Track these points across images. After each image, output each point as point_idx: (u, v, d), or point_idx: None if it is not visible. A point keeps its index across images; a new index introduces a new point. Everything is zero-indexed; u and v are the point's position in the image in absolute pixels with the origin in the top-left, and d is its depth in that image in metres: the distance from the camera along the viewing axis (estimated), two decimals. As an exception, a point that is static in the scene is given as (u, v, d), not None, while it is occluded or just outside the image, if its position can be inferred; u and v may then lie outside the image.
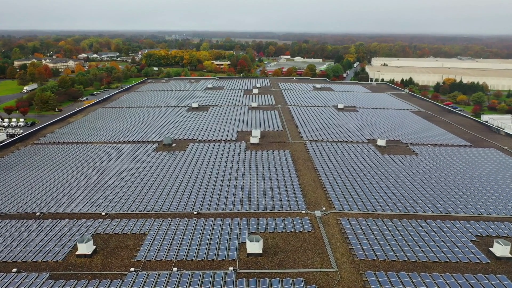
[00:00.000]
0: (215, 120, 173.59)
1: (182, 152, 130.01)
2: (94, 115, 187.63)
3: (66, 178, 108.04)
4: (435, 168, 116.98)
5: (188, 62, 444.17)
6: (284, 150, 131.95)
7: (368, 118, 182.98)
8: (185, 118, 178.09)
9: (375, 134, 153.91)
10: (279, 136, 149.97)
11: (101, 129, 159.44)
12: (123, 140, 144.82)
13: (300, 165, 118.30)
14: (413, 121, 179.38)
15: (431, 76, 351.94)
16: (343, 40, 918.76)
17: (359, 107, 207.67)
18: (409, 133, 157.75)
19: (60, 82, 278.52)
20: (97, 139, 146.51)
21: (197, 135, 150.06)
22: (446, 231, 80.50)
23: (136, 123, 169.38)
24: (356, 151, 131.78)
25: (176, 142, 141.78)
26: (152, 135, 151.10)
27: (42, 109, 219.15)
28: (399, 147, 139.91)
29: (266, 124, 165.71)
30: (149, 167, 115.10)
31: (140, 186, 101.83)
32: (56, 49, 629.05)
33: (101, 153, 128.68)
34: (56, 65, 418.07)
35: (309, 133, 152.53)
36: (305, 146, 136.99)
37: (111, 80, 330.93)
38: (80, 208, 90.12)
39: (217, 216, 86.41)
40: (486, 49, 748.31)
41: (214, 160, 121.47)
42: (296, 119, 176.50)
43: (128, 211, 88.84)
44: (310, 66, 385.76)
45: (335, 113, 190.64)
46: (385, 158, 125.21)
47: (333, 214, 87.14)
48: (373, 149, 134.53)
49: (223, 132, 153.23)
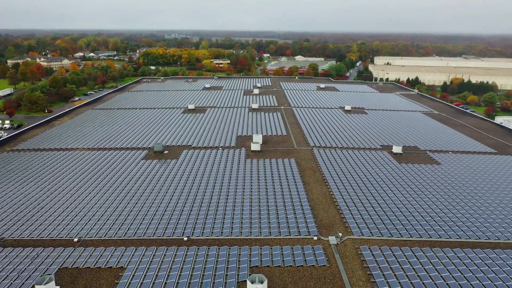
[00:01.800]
0: (212, 123, 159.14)
1: (174, 161, 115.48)
2: (82, 117, 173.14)
3: (37, 193, 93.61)
4: (462, 181, 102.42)
5: (186, 61, 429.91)
6: (289, 158, 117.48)
7: (379, 121, 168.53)
8: (179, 121, 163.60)
9: (388, 140, 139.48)
10: (283, 141, 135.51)
11: (87, 134, 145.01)
12: (109, 146, 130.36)
13: (308, 176, 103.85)
14: (428, 125, 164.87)
15: (437, 75, 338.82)
16: (344, 39, 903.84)
17: (367, 109, 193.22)
18: (425, 138, 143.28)
19: (51, 82, 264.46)
20: (81, 144, 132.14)
21: (192, 140, 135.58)
22: (490, 264, 66.09)
23: (126, 126, 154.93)
24: (370, 160, 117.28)
25: (168, 149, 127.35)
26: (143, 140, 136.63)
27: (31, 110, 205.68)
28: (416, 154, 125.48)
29: (268, 128, 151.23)
30: (134, 180, 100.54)
31: (122, 204, 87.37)
32: (52, 48, 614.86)
33: (83, 162, 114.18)
34: (50, 64, 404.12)
35: (316, 139, 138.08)
36: (312, 154, 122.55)
37: (106, 79, 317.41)
38: (50, 232, 75.72)
39: (211, 243, 71.98)
40: (489, 48, 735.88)
41: (209, 171, 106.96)
42: (300, 122, 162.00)
43: (105, 236, 74.40)
44: (312, 65, 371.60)
45: (343, 116, 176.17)
46: (403, 169, 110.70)
47: (351, 241, 72.72)
48: (389, 157, 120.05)
49: (221, 137, 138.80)
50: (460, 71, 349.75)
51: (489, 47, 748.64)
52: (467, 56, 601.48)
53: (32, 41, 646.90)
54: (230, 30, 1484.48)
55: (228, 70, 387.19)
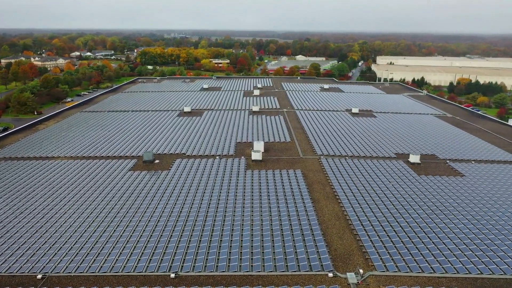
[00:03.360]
0: (209, 127, 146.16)
1: (165, 172, 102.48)
2: (69, 121, 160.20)
3: (5, 213, 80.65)
4: (493, 197, 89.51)
5: (185, 61, 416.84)
6: (295, 169, 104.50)
7: (389, 125, 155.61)
8: (174, 125, 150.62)
9: (402, 147, 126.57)
10: (287, 149, 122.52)
11: (71, 140, 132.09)
12: (94, 154, 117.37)
13: (316, 192, 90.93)
14: (443, 129, 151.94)
15: (443, 75, 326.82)
16: (345, 38, 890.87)
17: (376, 112, 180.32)
18: (443, 145, 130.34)
19: (43, 82, 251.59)
20: (64, 152, 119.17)
21: (187, 148, 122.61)
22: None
23: (115, 131, 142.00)
24: (385, 171, 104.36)
25: (159, 157, 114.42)
26: (132, 147, 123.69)
27: (20, 112, 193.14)
28: (436, 164, 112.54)
29: (270, 134, 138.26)
30: (117, 198, 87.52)
31: (100, 228, 74.38)
32: (49, 47, 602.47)
33: (61, 175, 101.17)
34: (44, 64, 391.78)
35: (323, 146, 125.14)
36: (320, 164, 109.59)
37: (101, 79, 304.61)
38: (10, 266, 62.82)
39: (204, 281, 59.07)
40: (492, 47, 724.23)
41: (204, 185, 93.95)
42: (305, 126, 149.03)
43: (75, 271, 61.45)
44: (314, 65, 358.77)
45: (350, 119, 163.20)
46: (424, 182, 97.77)
47: (374, 279, 59.82)
48: (406, 168, 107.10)
49: (218, 144, 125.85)
50: (466, 71, 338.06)
51: (492, 47, 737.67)
52: (471, 55, 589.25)
53: (28, 40, 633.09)
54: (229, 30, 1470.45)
55: (228, 70, 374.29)
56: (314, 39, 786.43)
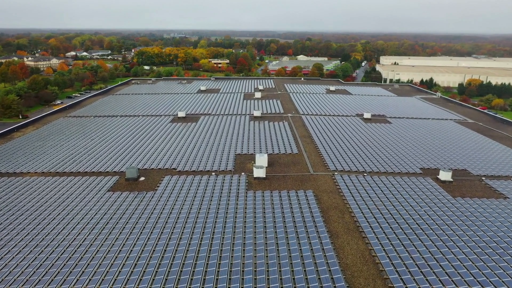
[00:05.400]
0: (205, 136, 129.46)
1: (150, 194, 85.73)
2: (49, 128, 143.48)
3: None
4: (551, 228, 72.83)
5: (183, 61, 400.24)
6: (305, 190, 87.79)
7: (407, 132, 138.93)
8: (165, 133, 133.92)
9: (427, 160, 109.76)
10: (294, 163, 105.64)
11: (47, 151, 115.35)
12: (70, 170, 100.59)
13: (334, 222, 74.22)
14: (468, 138, 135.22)
15: (451, 76, 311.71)
16: (346, 38, 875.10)
17: (389, 117, 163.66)
18: (473, 157, 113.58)
19: (31, 83, 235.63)
20: (36, 167, 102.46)
21: (178, 161, 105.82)
22: None
23: (99, 141, 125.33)
24: (413, 192, 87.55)
25: (146, 174, 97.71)
26: (115, 161, 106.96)
27: (4, 116, 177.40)
28: (470, 182, 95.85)
29: (274, 144, 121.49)
30: (90, 227, 70.48)
31: (64, 271, 57.52)
32: (45, 46, 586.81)
33: (26, 197, 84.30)
34: (37, 64, 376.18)
35: (336, 159, 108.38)
36: (335, 182, 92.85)
37: (94, 80, 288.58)
38: None
39: None
40: (498, 47, 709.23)
41: (196, 211, 77.19)
42: (313, 135, 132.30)
43: None
44: (317, 65, 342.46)
45: (363, 126, 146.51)
46: (462, 207, 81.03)
47: None
48: (437, 188, 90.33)
49: (215, 157, 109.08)
50: (475, 71, 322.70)
51: (497, 47, 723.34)
52: (477, 55, 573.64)
53: (23, 40, 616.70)
54: (229, 30, 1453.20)
55: (227, 70, 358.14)
56: (315, 38, 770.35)
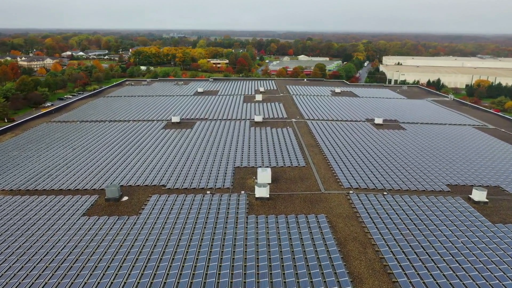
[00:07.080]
0: (200, 145, 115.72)
1: (133, 218, 71.97)
2: (28, 135, 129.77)
3: None
4: None
5: (181, 61, 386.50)
6: (316, 214, 74.05)
7: (424, 141, 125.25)
8: (156, 141, 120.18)
9: (454, 175, 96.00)
10: (302, 179, 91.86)
11: (20, 163, 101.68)
12: (43, 187, 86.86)
13: (355, 259, 60.48)
14: (493, 146, 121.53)
15: (458, 77, 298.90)
16: (346, 38, 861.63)
17: (402, 122, 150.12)
18: (504, 171, 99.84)
19: (19, 84, 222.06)
20: (3, 184, 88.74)
21: (168, 177, 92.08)
22: None
23: (81, 151, 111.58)
24: (445, 217, 73.69)
25: (129, 192, 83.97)
26: (96, 175, 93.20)
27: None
28: (508, 203, 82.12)
29: (278, 155, 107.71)
30: (52, 268, 56.88)
31: None
32: (41, 46, 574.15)
33: (-16, 223, 70.78)
34: (30, 64, 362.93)
35: (349, 173, 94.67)
36: (351, 203, 79.15)
37: (88, 81, 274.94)
38: None
39: None
40: (501, 47, 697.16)
41: (188, 240, 63.45)
42: (321, 143, 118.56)
43: None
44: (319, 65, 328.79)
45: (375, 133, 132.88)
46: (504, 235, 67.29)
47: None
48: (471, 211, 76.60)
49: (210, 171, 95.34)
50: (484, 72, 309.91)
51: (500, 46, 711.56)
52: (482, 55, 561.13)
53: (19, 39, 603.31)
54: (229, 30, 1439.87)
55: (227, 70, 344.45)
56: (316, 38, 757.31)
